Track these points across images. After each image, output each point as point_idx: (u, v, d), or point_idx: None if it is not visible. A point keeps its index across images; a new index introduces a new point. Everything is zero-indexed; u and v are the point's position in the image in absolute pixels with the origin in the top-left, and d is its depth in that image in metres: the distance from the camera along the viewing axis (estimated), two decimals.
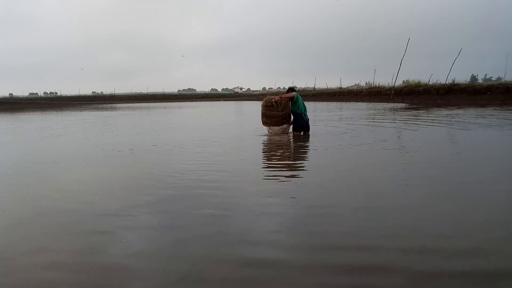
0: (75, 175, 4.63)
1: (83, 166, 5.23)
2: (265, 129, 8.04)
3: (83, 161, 5.62)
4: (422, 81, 25.49)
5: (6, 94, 56.73)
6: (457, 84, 22.55)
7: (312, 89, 43.48)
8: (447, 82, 24.03)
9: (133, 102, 45.88)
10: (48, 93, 69.78)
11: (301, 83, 60.24)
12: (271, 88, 68.89)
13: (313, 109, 17.34)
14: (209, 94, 64.80)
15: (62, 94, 58.85)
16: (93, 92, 68.55)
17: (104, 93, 62.67)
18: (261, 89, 73.10)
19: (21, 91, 70.03)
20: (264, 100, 7.80)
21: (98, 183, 4.22)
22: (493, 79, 34.74)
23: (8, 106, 36.09)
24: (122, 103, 45.02)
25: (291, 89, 8.14)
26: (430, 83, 25.28)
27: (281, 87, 69.66)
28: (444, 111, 13.26)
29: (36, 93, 72.94)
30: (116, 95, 56.04)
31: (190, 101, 48.23)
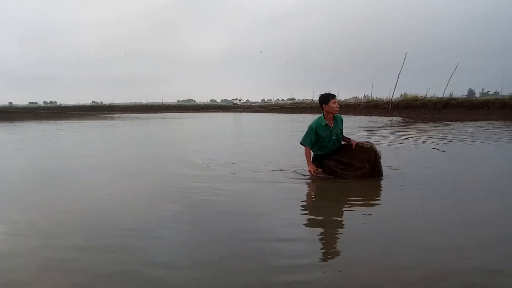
0: None
1: None
2: None
3: None
4: (420, 95, 25.58)
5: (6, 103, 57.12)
6: (454, 99, 22.64)
7: (311, 101, 43.62)
8: (444, 96, 24.14)
9: (132, 112, 45.85)
10: (48, 102, 70.06)
11: (299, 96, 60.59)
12: (270, 100, 69.22)
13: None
14: (209, 105, 64.77)
15: (61, 103, 58.98)
16: (92, 101, 68.71)
17: (104, 102, 62.73)
18: (260, 101, 73.44)
19: (20, 100, 70.48)
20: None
21: None
22: (490, 93, 35.02)
23: (7, 116, 35.88)
24: (121, 113, 44.98)
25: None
26: (428, 97, 25.37)
27: (280, 99, 69.98)
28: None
29: (36, 102, 73.23)
30: (115, 105, 56.05)
31: (190, 112, 48.20)
